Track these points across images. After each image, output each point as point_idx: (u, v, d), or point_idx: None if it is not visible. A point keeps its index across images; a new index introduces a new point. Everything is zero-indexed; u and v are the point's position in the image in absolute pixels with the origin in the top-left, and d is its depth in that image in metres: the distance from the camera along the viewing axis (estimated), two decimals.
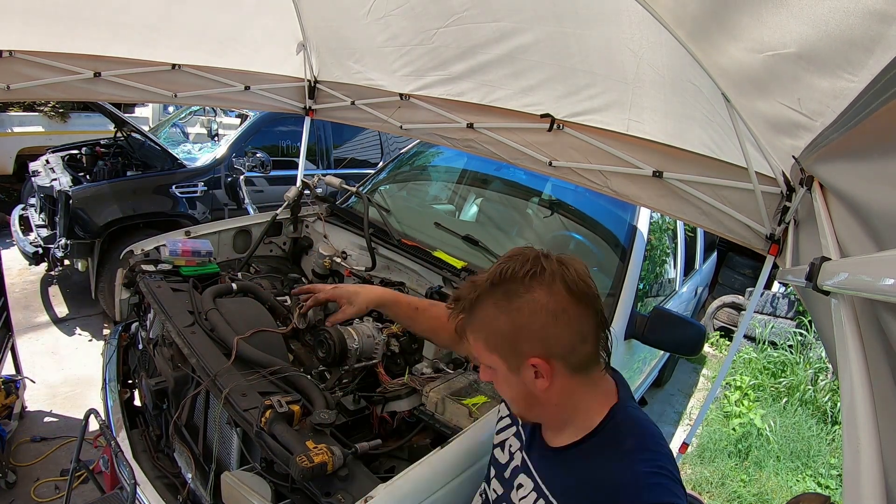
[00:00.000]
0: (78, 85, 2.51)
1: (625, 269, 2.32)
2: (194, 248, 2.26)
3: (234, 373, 1.54)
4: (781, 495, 3.18)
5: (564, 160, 2.26)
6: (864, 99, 0.85)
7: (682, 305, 3.43)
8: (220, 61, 2.90)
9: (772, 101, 1.23)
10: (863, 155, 0.80)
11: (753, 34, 1.08)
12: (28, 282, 4.52)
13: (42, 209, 4.02)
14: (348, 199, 3.14)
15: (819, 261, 0.80)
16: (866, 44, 0.83)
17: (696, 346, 2.13)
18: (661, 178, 1.99)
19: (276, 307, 2.05)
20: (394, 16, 2.38)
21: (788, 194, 1.65)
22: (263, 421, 1.31)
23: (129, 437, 1.92)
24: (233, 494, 1.31)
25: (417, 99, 2.76)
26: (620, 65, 1.82)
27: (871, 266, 0.62)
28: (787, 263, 1.54)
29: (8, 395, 2.81)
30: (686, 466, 3.41)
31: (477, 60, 2.28)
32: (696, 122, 1.80)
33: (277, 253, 2.86)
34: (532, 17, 1.94)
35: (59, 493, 2.48)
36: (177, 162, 4.17)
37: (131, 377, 2.28)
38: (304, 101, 3.33)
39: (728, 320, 5.53)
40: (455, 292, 1.00)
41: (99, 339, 3.82)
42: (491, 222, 2.85)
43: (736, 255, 6.06)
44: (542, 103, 2.25)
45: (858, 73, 0.88)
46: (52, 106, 5.87)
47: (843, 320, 0.70)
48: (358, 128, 5.04)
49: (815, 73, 0.99)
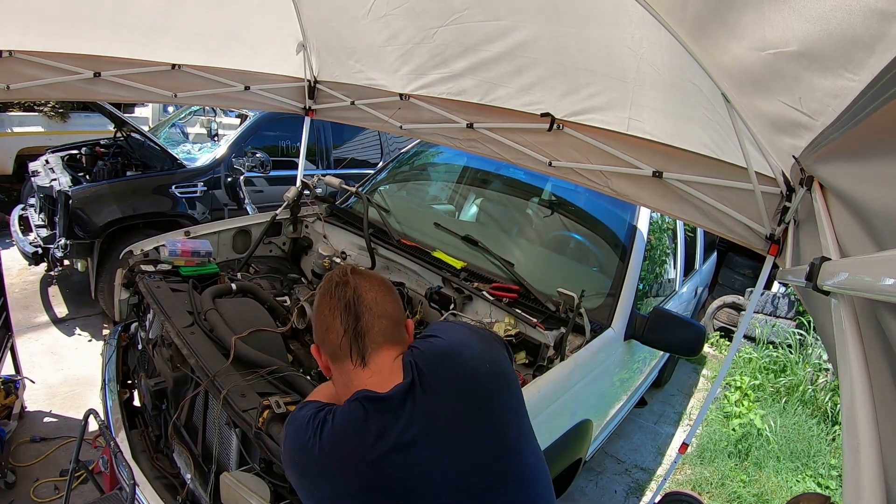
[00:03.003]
0: (78, 85, 2.50)
1: (625, 269, 2.32)
2: (194, 248, 2.26)
3: (232, 373, 1.54)
4: (781, 495, 3.17)
5: (564, 160, 2.26)
6: (864, 99, 0.85)
7: (681, 306, 3.43)
8: (220, 61, 2.90)
9: (773, 100, 1.23)
10: (863, 155, 0.80)
11: (756, 32, 1.08)
12: (28, 282, 4.51)
13: (42, 209, 4.02)
14: (348, 200, 3.14)
15: (819, 261, 0.80)
16: (867, 42, 0.82)
17: (696, 346, 2.13)
18: (660, 178, 1.99)
19: (275, 307, 2.05)
20: (394, 15, 2.38)
21: (788, 194, 1.65)
22: (262, 421, 1.31)
23: (129, 438, 1.93)
24: (231, 495, 1.31)
25: (417, 99, 2.76)
26: (621, 64, 1.82)
27: (871, 266, 0.62)
28: (787, 263, 1.54)
29: (7, 396, 2.81)
30: (686, 466, 3.40)
31: (478, 58, 2.28)
32: (697, 121, 1.80)
33: (277, 253, 2.86)
34: (532, 15, 1.94)
35: (59, 493, 2.48)
36: (176, 162, 4.17)
37: (131, 377, 2.28)
38: (304, 101, 3.33)
39: (728, 320, 5.52)
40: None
41: (98, 339, 3.81)
42: (491, 222, 2.85)
43: (736, 255, 6.05)
44: (542, 102, 2.25)
45: (859, 72, 0.88)
46: (52, 106, 5.87)
47: (843, 320, 0.70)
48: (358, 128, 5.03)
49: (817, 71, 0.99)
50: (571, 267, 2.54)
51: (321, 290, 1.08)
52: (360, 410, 0.95)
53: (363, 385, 0.99)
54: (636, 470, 3.31)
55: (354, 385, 1.01)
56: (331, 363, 1.06)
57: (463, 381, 0.99)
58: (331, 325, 1.03)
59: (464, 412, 0.97)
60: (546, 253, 2.60)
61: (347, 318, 1.02)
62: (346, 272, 1.08)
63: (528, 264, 2.40)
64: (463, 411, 0.97)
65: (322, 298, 1.06)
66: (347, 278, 1.06)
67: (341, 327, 1.01)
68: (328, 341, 1.04)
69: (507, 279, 2.21)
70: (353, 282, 1.05)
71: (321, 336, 1.05)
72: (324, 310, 1.04)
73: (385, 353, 1.02)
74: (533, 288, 2.12)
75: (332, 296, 1.04)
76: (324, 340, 1.05)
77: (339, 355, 1.03)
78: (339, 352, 1.02)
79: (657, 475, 3.27)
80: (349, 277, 1.06)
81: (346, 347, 1.01)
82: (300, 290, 2.29)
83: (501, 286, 2.13)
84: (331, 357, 1.05)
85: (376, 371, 1.01)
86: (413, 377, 0.97)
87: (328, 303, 1.04)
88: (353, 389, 1.00)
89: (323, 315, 1.04)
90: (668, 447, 3.62)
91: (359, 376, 1.01)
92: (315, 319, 1.07)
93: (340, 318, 1.02)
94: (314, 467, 0.96)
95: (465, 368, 1.01)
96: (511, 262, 2.28)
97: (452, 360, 1.02)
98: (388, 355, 1.02)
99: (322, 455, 0.95)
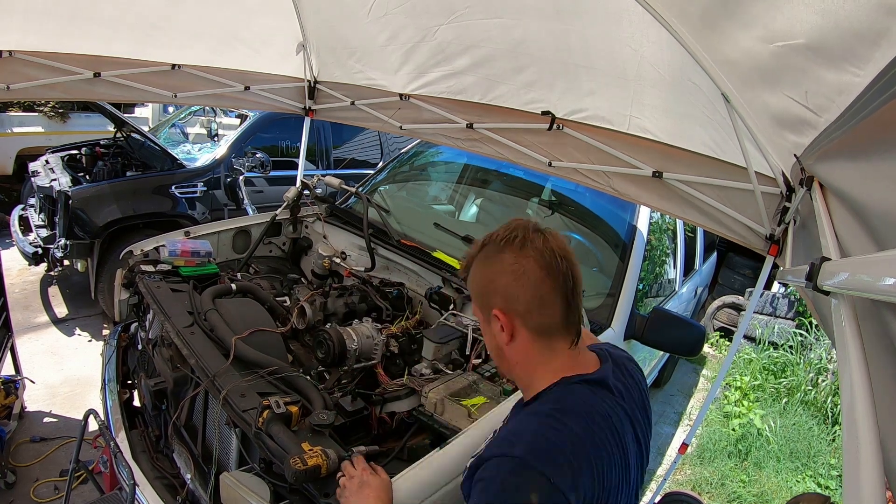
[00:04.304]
0: (78, 85, 2.50)
1: (624, 269, 2.32)
2: (194, 248, 2.26)
3: (232, 373, 1.54)
4: (781, 495, 3.17)
5: (564, 160, 2.26)
6: (866, 96, 0.85)
7: (681, 306, 3.43)
8: (220, 61, 2.90)
9: (779, 94, 1.22)
10: (864, 154, 0.80)
11: (765, 23, 1.08)
12: (28, 282, 4.51)
13: (42, 209, 4.02)
14: (348, 200, 3.14)
15: (819, 261, 0.80)
16: (873, 37, 0.82)
17: (696, 346, 2.13)
18: (660, 178, 1.99)
19: (275, 307, 2.05)
20: (394, 14, 2.38)
21: (788, 194, 1.65)
22: (261, 421, 1.31)
23: (129, 438, 1.93)
24: (231, 495, 1.31)
25: (417, 99, 2.76)
26: (621, 62, 1.82)
27: (871, 266, 0.62)
28: (787, 263, 1.54)
29: (7, 396, 2.81)
30: (686, 467, 3.40)
31: (478, 55, 2.28)
32: (697, 121, 1.80)
33: (277, 253, 2.86)
34: (533, 14, 1.94)
35: (59, 493, 2.48)
36: (176, 162, 4.17)
37: (131, 378, 2.28)
38: (304, 101, 3.33)
39: (728, 321, 5.52)
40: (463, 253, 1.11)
41: (98, 339, 3.81)
42: (491, 222, 2.85)
43: (736, 256, 6.05)
44: (542, 100, 2.25)
45: (864, 66, 0.88)
46: (52, 106, 5.87)
47: (843, 320, 0.70)
48: (358, 128, 5.03)
49: (823, 65, 0.99)
50: None
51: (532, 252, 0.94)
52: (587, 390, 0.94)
53: (569, 366, 0.97)
54: None
55: (559, 363, 0.96)
56: (532, 336, 0.95)
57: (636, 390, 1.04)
58: (549, 300, 0.93)
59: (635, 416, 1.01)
60: None
61: (571, 296, 0.94)
62: (562, 241, 0.97)
63: None
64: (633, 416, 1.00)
65: (537, 266, 0.93)
66: (567, 251, 0.95)
67: (563, 304, 0.94)
68: (543, 315, 0.94)
69: None
70: (563, 249, 0.95)
71: (529, 306, 0.94)
72: (537, 279, 0.92)
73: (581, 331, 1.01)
74: None
75: (549, 266, 0.93)
76: (530, 312, 0.94)
77: (552, 333, 0.95)
78: (556, 330, 0.95)
79: (657, 475, 3.27)
80: (567, 250, 0.96)
81: (569, 327, 0.96)
82: (300, 290, 2.29)
83: None
84: (537, 331, 0.95)
85: (581, 349, 1.01)
86: (611, 363, 1.00)
87: (543, 273, 0.92)
88: (557, 368, 0.96)
89: (536, 286, 0.93)
90: (668, 447, 3.62)
91: (566, 355, 0.97)
92: (518, 286, 0.94)
93: (563, 296, 0.94)
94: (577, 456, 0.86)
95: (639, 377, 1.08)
96: None
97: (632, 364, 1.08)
98: (583, 334, 1.02)
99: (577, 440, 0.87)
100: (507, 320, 0.95)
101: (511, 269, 0.94)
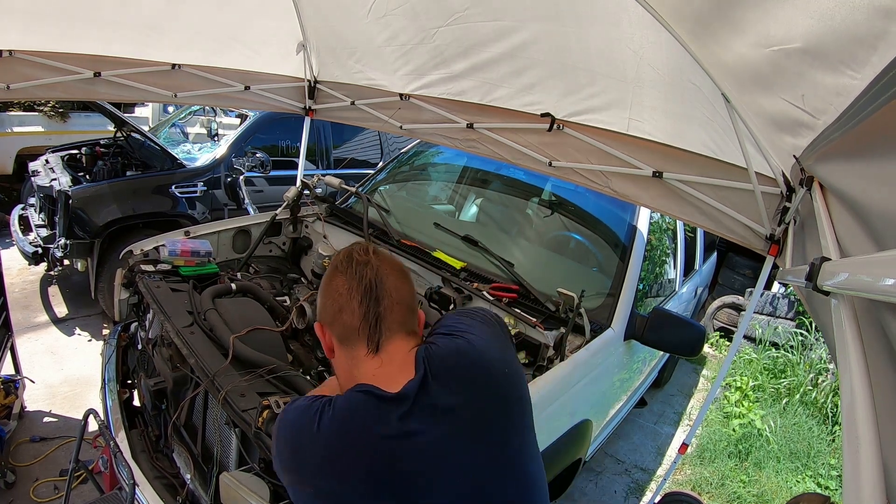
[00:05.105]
0: (78, 85, 2.50)
1: (624, 269, 2.32)
2: (194, 248, 2.26)
3: (232, 373, 1.54)
4: (781, 496, 3.17)
5: (564, 160, 2.26)
6: (865, 98, 0.85)
7: (681, 306, 3.43)
8: (220, 61, 2.90)
9: (775, 98, 1.23)
10: (863, 154, 0.80)
11: (760, 28, 1.08)
12: (28, 282, 4.51)
13: (42, 209, 4.02)
14: (348, 200, 3.14)
15: (819, 261, 0.80)
16: (870, 40, 0.82)
17: (696, 346, 2.13)
18: (660, 178, 1.99)
19: (275, 307, 2.05)
20: (394, 15, 2.38)
21: (788, 195, 1.65)
22: (261, 421, 1.31)
23: (128, 438, 1.93)
24: (231, 495, 1.31)
25: (417, 99, 2.76)
26: (621, 64, 1.82)
27: (871, 266, 0.62)
28: (787, 264, 1.54)
29: (7, 395, 2.81)
30: (686, 467, 3.40)
31: (478, 58, 2.28)
32: (697, 121, 1.80)
33: (277, 253, 2.86)
34: (533, 15, 1.93)
35: (59, 493, 2.48)
36: (176, 162, 4.17)
37: (130, 377, 2.28)
38: (304, 101, 3.33)
39: (728, 321, 5.52)
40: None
41: (98, 339, 3.81)
42: (490, 222, 2.85)
43: (736, 256, 6.05)
44: (542, 102, 2.25)
45: (861, 69, 0.88)
46: (52, 106, 5.87)
47: (843, 320, 0.70)
48: (358, 128, 5.03)
49: (820, 68, 0.99)
50: (571, 267, 2.53)
51: (337, 266, 0.99)
52: (363, 398, 0.90)
53: (370, 374, 0.94)
54: (636, 470, 3.31)
55: (361, 372, 0.96)
56: (338, 345, 0.99)
57: (479, 386, 0.95)
58: (346, 305, 0.95)
59: (474, 418, 0.92)
60: (546, 253, 2.60)
61: (368, 300, 0.95)
62: (369, 251, 1.00)
63: (528, 264, 2.40)
64: (472, 417, 0.92)
65: (337, 275, 0.98)
66: (370, 258, 0.98)
67: (359, 309, 0.95)
68: (340, 322, 0.96)
69: (506, 279, 2.21)
70: (374, 263, 0.97)
71: (331, 315, 0.98)
72: (339, 288, 0.97)
73: (398, 342, 0.97)
74: (533, 288, 2.12)
75: (352, 275, 0.96)
76: (334, 320, 0.97)
77: (351, 339, 0.96)
78: (353, 335, 0.96)
79: (657, 475, 3.27)
80: (371, 258, 0.98)
81: (364, 331, 0.95)
82: (300, 290, 2.29)
83: (501, 286, 2.13)
84: (340, 339, 0.98)
85: (387, 361, 0.95)
86: (425, 373, 0.92)
87: (345, 281, 0.96)
88: (358, 376, 0.95)
89: (338, 293, 0.96)
90: (667, 447, 3.62)
91: (368, 363, 0.96)
92: (325, 296, 0.99)
93: (359, 300, 0.95)
94: (314, 460, 0.89)
95: (482, 372, 0.97)
96: (511, 262, 2.28)
97: (469, 361, 0.96)
98: (402, 346, 0.97)
99: (323, 444, 0.88)
100: (321, 331, 1.01)
101: (325, 281, 1.01)
